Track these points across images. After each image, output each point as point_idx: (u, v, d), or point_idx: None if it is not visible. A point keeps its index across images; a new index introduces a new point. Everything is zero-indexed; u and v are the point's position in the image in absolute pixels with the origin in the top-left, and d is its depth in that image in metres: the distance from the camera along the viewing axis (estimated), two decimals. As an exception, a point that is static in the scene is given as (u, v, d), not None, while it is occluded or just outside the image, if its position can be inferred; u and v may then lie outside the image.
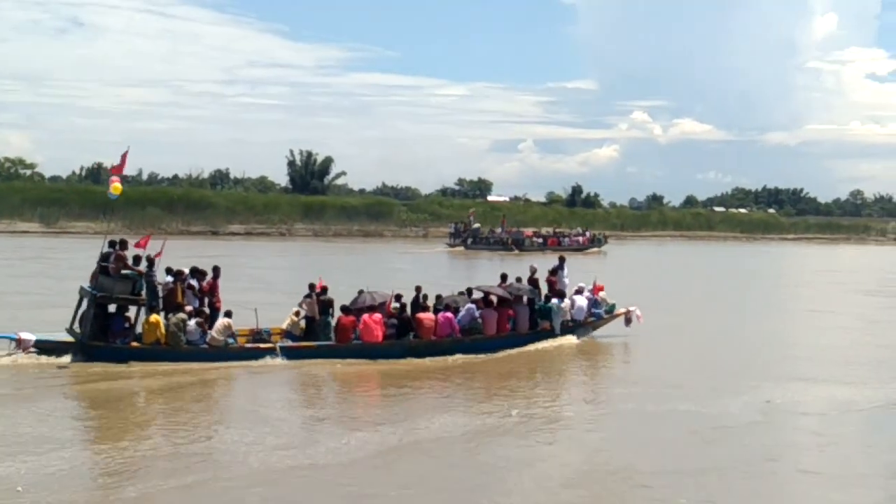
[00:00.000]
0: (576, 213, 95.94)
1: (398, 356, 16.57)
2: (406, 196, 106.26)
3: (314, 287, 17.20)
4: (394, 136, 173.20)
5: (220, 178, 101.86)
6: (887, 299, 32.92)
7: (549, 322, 18.29)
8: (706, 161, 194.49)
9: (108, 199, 16.91)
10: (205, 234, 68.96)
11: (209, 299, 16.60)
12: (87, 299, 15.63)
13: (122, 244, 15.73)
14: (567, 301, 18.68)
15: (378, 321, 16.55)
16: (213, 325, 15.98)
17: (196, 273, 16.67)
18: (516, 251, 55.91)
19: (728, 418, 13.30)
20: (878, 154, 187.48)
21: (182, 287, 16.18)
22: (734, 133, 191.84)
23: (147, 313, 15.63)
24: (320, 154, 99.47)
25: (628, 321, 19.48)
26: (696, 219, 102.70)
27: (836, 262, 61.03)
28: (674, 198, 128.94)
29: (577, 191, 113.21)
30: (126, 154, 16.01)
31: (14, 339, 15.19)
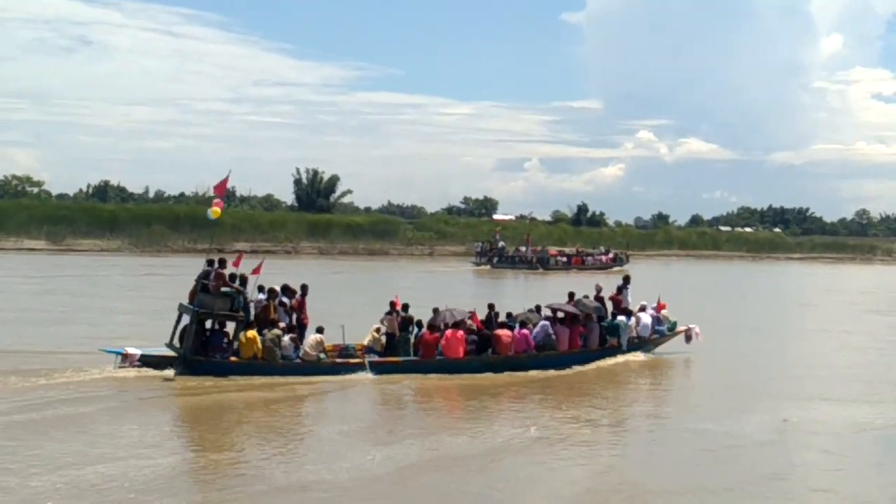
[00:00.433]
0: (581, 231, 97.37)
1: (477, 371, 17.68)
2: (412, 214, 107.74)
3: (394, 305, 18.31)
4: (399, 154, 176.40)
5: (226, 196, 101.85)
6: None
7: (616, 339, 19.47)
8: (712, 180, 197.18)
9: (114, 217, 18.11)
10: (210, 252, 69.77)
11: (297, 316, 17.69)
12: (189, 315, 16.73)
13: (221, 263, 16.88)
14: (633, 319, 19.88)
15: (461, 338, 17.66)
16: (302, 340, 17.14)
17: (287, 291, 17.77)
18: (541, 270, 58.01)
19: (743, 437, 13.67)
20: (883, 174, 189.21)
21: (274, 304, 17.28)
22: (740, 152, 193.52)
23: (242, 329, 16.75)
24: (326, 172, 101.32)
25: (688, 339, 20.71)
26: (701, 238, 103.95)
27: (845, 282, 61.86)
28: (679, 217, 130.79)
29: (582, 210, 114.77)
30: (227, 178, 17.16)
31: (121, 353, 16.34)
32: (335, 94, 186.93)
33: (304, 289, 18.05)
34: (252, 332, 16.58)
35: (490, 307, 19.24)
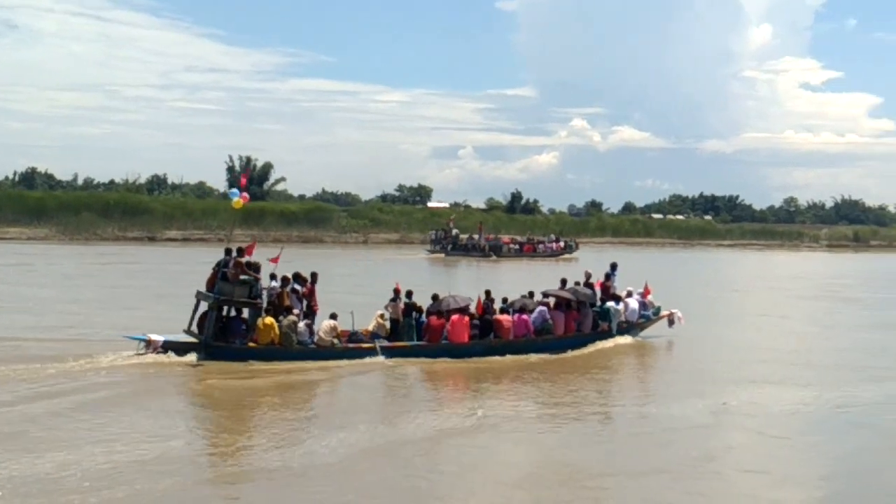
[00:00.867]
0: (515, 219, 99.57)
1: (481, 355, 18.95)
2: (346, 202, 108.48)
3: (398, 292, 19.44)
4: (334, 142, 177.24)
5: (157, 183, 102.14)
6: (833, 304, 35.61)
7: (607, 323, 20.94)
8: (644, 168, 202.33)
9: (42, 204, 19.02)
10: (141, 240, 69.72)
11: (308, 302, 18.68)
12: (207, 302, 17.61)
13: (239, 252, 17.77)
14: (622, 304, 21.38)
15: (465, 323, 18.90)
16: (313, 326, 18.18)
17: (298, 279, 18.72)
18: (494, 257, 59.94)
19: (682, 421, 14.32)
20: (811, 162, 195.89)
21: (287, 291, 18.25)
22: (672, 140, 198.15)
23: (256, 316, 17.70)
24: (260, 160, 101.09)
25: (671, 322, 22.30)
26: (634, 225, 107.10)
27: (776, 268, 64.30)
28: (612, 204, 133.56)
29: (516, 197, 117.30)
30: (248, 171, 18.10)
31: (144, 340, 17.17)
32: (268, 81, 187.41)
33: (314, 277, 19.00)
34: (269, 319, 17.51)
35: (486, 293, 20.47)
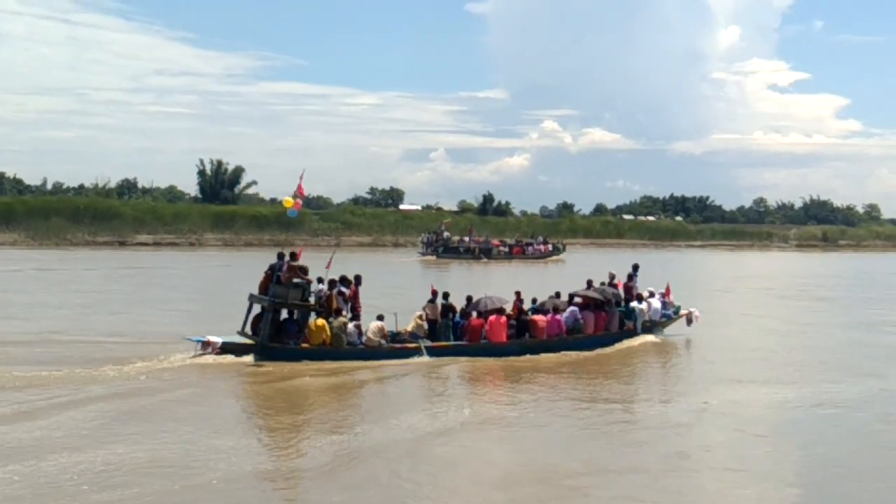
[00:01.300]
0: (487, 221, 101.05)
1: (518, 353, 20.20)
2: (318, 205, 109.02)
3: (435, 293, 20.66)
4: (305, 145, 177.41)
5: (127, 187, 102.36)
6: (808, 303, 37.03)
7: (633, 322, 22.33)
8: (615, 169, 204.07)
9: (10, 210, 20.21)
10: (112, 245, 70.13)
11: (352, 304, 19.82)
12: (262, 305, 18.70)
13: (292, 256, 18.88)
14: (645, 304, 22.77)
15: (503, 323, 20.17)
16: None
17: (344, 282, 19.86)
18: (484, 259, 62.06)
19: (663, 419, 14.97)
20: (780, 163, 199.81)
21: (334, 294, 19.38)
22: (642, 142, 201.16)
23: (306, 318, 18.82)
24: (231, 163, 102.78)
25: (689, 321, 23.71)
26: (605, 226, 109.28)
27: (748, 268, 66.04)
28: (584, 206, 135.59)
29: (488, 199, 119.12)
30: (302, 177, 19.35)
31: (203, 342, 18.24)
32: (239, 84, 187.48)
33: (358, 279, 20.13)
34: (321, 321, 18.67)
35: (517, 294, 21.76)
